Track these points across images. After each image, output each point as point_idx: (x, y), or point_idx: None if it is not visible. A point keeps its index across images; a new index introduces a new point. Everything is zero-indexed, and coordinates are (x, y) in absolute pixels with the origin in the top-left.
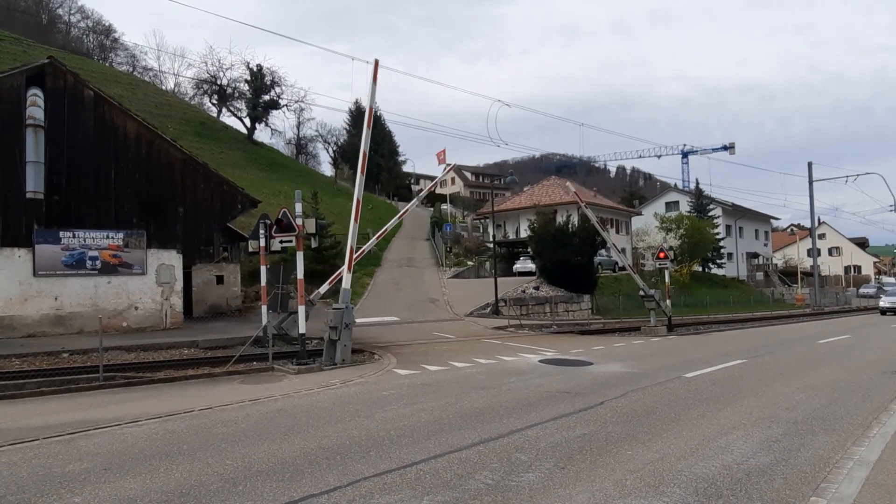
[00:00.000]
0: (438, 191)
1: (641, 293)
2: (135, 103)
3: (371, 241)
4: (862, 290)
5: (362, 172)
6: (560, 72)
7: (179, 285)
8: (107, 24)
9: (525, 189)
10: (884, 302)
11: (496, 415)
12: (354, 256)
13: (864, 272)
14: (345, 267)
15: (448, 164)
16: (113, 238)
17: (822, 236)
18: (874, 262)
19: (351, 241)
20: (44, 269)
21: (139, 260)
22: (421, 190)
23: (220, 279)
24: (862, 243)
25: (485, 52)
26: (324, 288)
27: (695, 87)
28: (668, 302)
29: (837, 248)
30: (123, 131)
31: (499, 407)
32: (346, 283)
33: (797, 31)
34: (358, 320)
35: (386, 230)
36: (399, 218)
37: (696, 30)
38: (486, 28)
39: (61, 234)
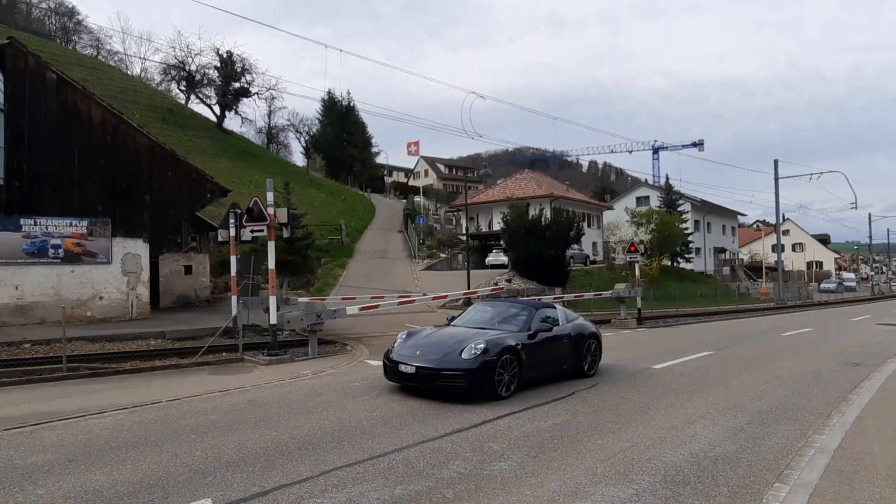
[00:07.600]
0: (412, 183)
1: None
2: (99, 88)
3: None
4: (823, 286)
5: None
6: (544, 63)
7: (146, 275)
8: (70, 5)
9: (499, 182)
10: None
11: (469, 405)
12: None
13: (825, 268)
14: (358, 306)
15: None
16: (76, 226)
17: (786, 232)
18: (835, 258)
19: (386, 301)
20: (4, 256)
21: (104, 249)
22: (394, 182)
23: (188, 269)
24: (824, 240)
25: (469, 41)
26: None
27: (676, 81)
28: (639, 290)
29: (801, 244)
30: (88, 116)
31: (471, 398)
32: (352, 310)
33: (781, 27)
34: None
35: None
36: None
37: (681, 23)
38: (472, 15)
39: (22, 221)
